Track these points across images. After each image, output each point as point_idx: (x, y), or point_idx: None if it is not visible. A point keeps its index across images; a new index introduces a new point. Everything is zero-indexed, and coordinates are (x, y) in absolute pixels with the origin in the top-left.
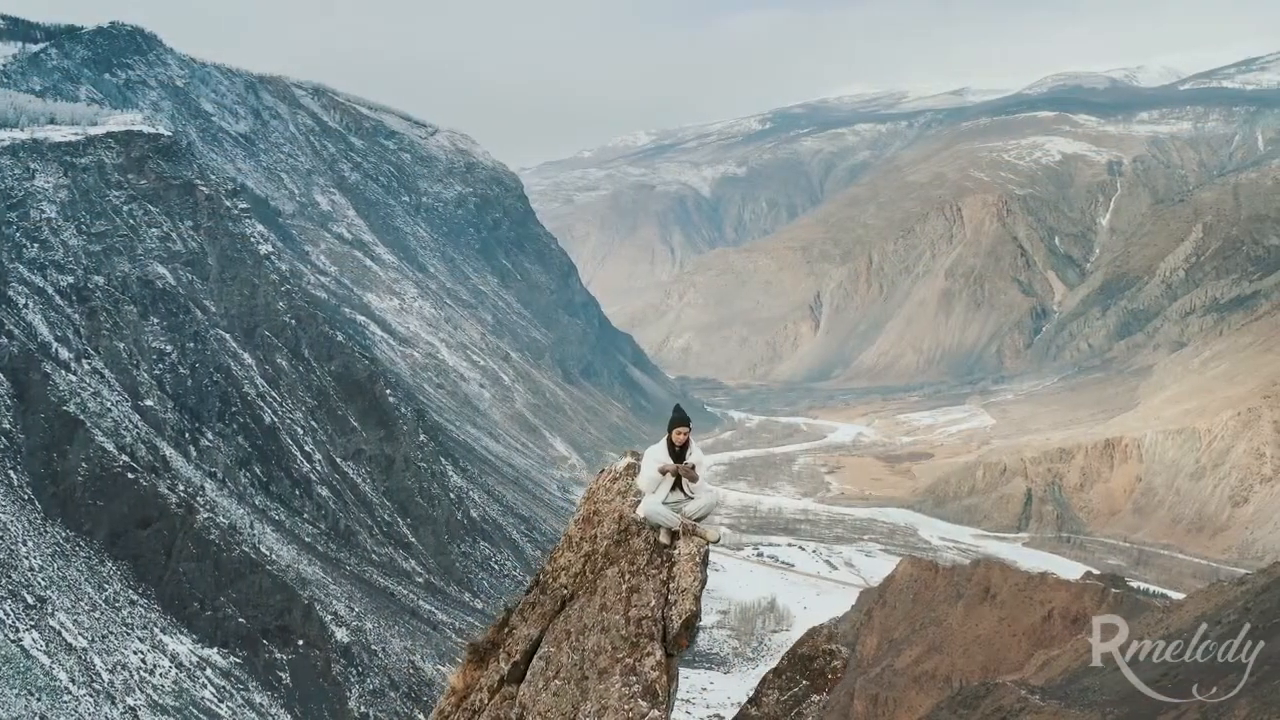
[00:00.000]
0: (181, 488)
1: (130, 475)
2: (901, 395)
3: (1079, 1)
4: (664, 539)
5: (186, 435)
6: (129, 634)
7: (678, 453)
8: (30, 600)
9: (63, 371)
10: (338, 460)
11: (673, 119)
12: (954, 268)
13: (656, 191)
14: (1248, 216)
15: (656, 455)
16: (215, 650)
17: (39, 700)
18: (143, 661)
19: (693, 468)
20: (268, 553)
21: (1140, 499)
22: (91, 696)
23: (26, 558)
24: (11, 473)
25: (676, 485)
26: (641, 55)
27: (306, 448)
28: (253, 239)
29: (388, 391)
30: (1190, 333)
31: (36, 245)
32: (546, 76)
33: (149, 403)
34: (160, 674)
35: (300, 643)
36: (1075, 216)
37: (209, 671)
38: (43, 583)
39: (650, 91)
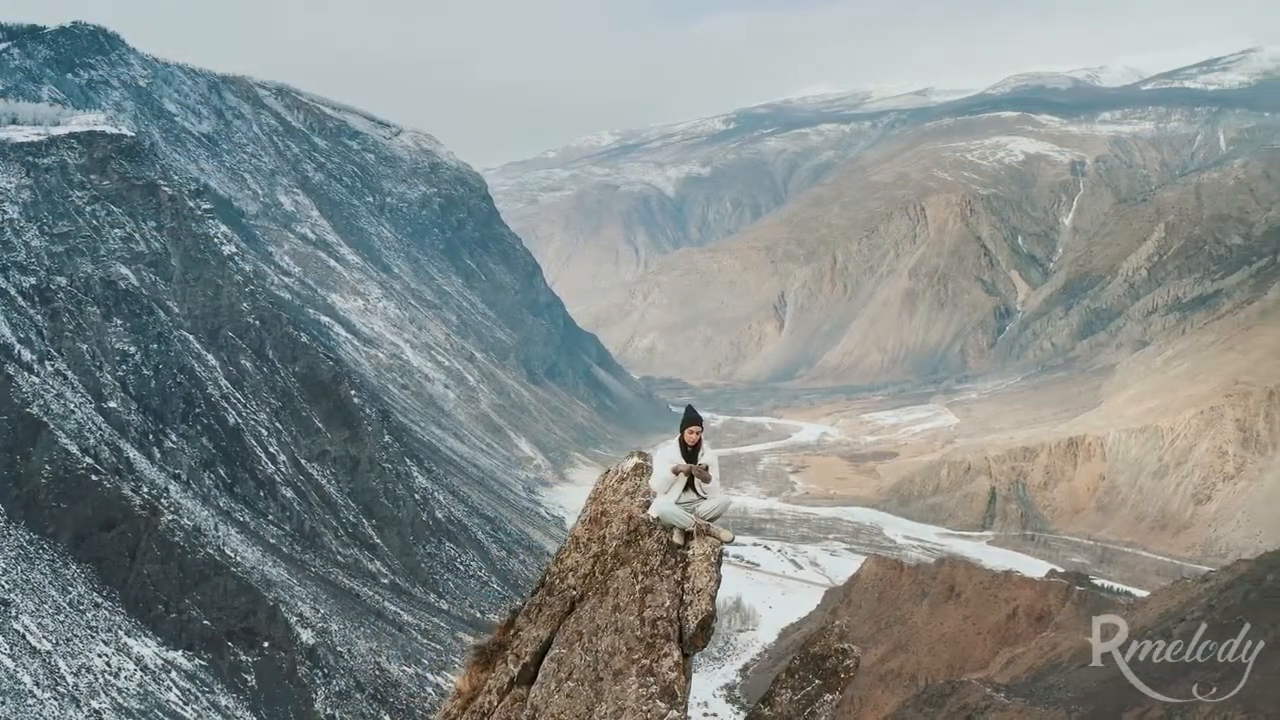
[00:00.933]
0: (145, 490)
1: (94, 477)
2: (866, 395)
3: (1042, 2)
4: (677, 539)
5: (150, 437)
6: (93, 637)
7: (690, 453)
8: None
9: (25, 373)
10: (302, 461)
11: (637, 119)
12: (918, 267)
13: (621, 192)
14: (1210, 216)
15: (669, 455)
16: (180, 653)
17: (2, 704)
18: (107, 664)
19: (706, 468)
20: (232, 554)
21: (1104, 497)
22: (56, 700)
23: None
24: None
25: (689, 486)
26: (606, 56)
27: (271, 449)
28: (216, 240)
29: (352, 392)
30: (1153, 332)
31: None
32: (511, 77)
33: (113, 404)
34: (125, 677)
35: (265, 645)
36: (1038, 216)
37: (174, 674)
38: (6, 586)
39: (614, 92)
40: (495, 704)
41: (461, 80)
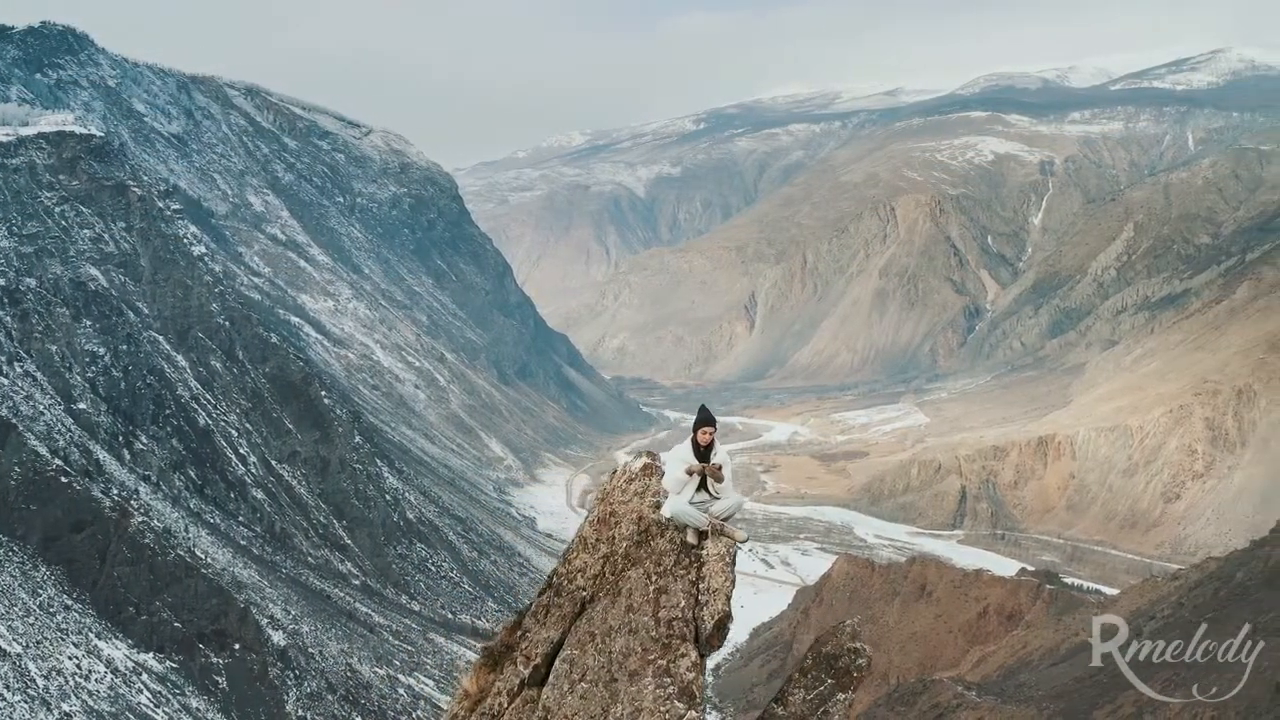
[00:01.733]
0: (115, 491)
1: (64, 479)
2: (836, 394)
3: (1012, 3)
4: (691, 539)
5: (120, 439)
6: (64, 639)
7: (703, 453)
8: None
9: None
10: (273, 463)
11: (607, 119)
12: (888, 267)
13: (591, 192)
14: (1178, 215)
15: (682, 456)
16: (151, 655)
17: None
18: (78, 667)
19: (719, 468)
20: (203, 556)
21: (1073, 496)
22: (26, 702)
23: None
24: None
25: (701, 486)
26: (576, 56)
27: (241, 450)
28: (186, 240)
29: (323, 393)
30: (1122, 331)
31: None
32: (480, 77)
33: (82, 406)
34: (96, 679)
35: (236, 646)
36: (1008, 216)
37: (145, 676)
38: None
39: (585, 92)
40: (505, 706)
41: (431, 80)
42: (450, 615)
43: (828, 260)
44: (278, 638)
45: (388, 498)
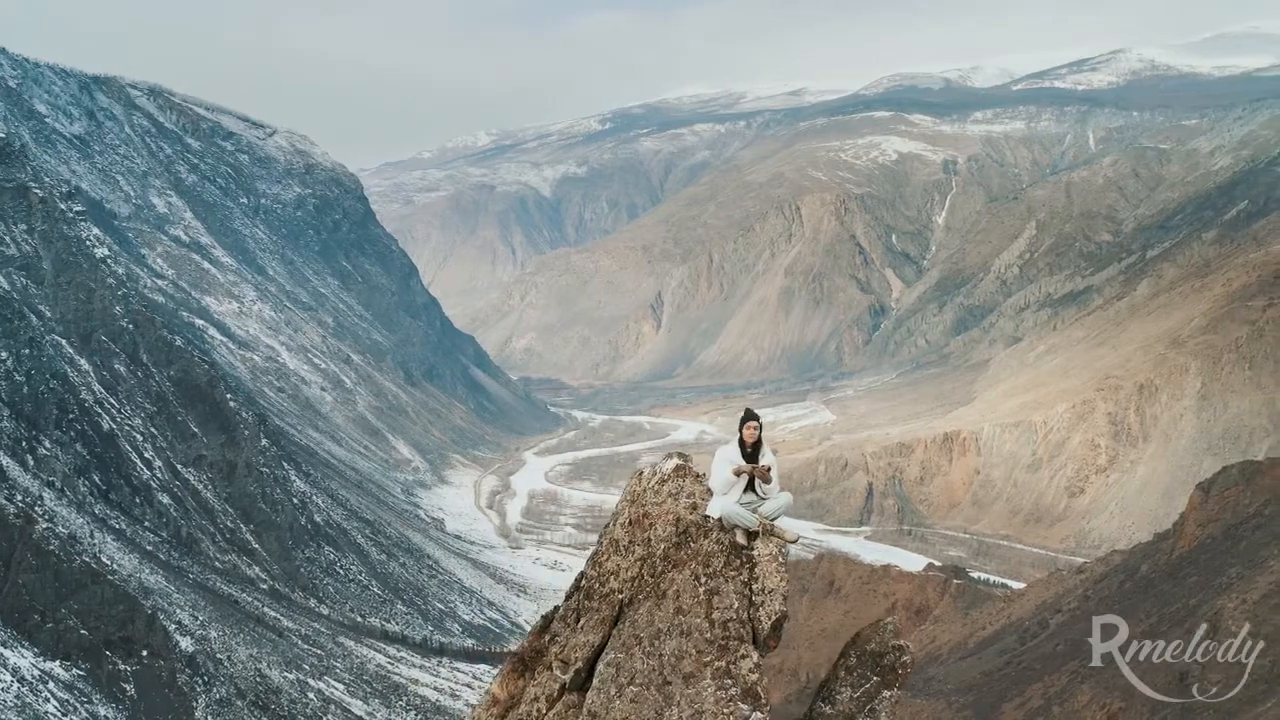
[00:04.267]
0: (19, 498)
1: None
2: (743, 392)
3: (915, 3)
4: (741, 540)
5: (23, 444)
6: None
7: (750, 453)
8: None
9: None
10: (178, 467)
11: (513, 119)
12: (793, 266)
13: (497, 192)
14: (1079, 214)
15: (729, 456)
16: (58, 663)
17: None
18: None
19: (768, 469)
20: (109, 562)
21: (979, 491)
22: None
23: None
24: None
25: (749, 486)
26: (482, 56)
27: (146, 454)
28: (88, 242)
29: (228, 396)
30: (1025, 328)
31: None
32: (384, 76)
33: None
34: (2, 689)
35: (144, 653)
36: (912, 215)
37: (52, 685)
38: None
39: (490, 92)
40: (545, 711)
41: (335, 79)
42: (359, 618)
43: (734, 259)
44: (186, 644)
45: (295, 501)
